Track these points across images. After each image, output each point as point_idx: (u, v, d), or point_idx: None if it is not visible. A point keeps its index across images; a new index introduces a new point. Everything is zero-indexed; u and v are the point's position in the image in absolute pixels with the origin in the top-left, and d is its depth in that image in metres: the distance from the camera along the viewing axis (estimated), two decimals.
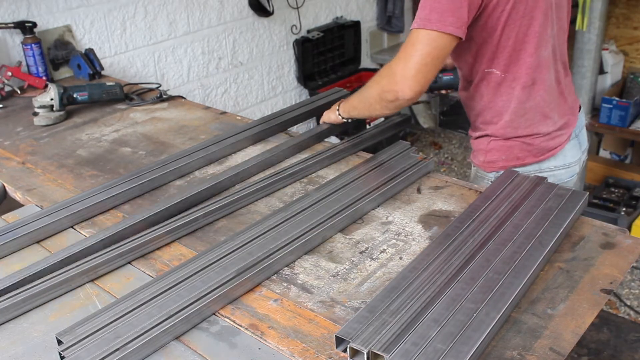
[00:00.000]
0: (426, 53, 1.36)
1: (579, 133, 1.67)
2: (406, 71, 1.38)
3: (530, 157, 1.59)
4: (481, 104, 1.58)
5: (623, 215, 3.12)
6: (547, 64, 1.51)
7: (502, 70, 1.50)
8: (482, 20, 1.43)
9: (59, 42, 2.47)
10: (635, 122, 3.22)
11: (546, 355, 0.95)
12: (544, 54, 1.49)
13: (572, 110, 1.64)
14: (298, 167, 1.56)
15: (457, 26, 1.34)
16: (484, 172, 1.66)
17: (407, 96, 1.41)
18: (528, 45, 1.47)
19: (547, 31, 1.48)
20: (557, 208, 1.28)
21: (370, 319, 0.99)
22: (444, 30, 1.34)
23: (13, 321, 1.12)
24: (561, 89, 1.60)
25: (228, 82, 3.25)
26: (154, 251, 1.30)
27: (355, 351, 0.94)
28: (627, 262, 1.16)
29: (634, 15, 3.48)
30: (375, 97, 1.50)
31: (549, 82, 1.54)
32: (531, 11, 1.44)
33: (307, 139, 1.73)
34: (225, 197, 1.42)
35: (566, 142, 1.61)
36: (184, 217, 1.35)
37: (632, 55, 3.55)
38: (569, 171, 1.63)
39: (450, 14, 1.33)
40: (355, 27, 3.77)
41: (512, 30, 1.44)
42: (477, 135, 1.66)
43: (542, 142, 1.58)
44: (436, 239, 1.21)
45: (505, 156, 1.60)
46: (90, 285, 1.21)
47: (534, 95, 1.53)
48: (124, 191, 1.50)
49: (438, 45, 1.36)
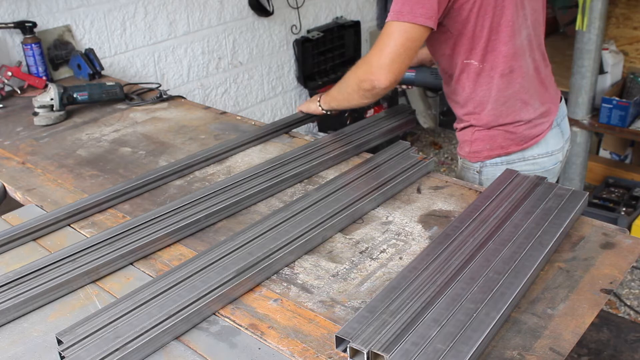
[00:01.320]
0: (399, 43, 1.43)
1: (561, 122, 1.71)
2: (381, 61, 1.45)
3: (514, 145, 1.62)
4: (463, 95, 1.62)
5: (623, 215, 3.12)
6: (522, 52, 1.56)
7: (479, 61, 1.54)
8: (455, 11, 1.47)
9: (59, 42, 2.47)
10: (635, 122, 3.22)
11: (546, 355, 0.95)
12: (518, 43, 1.54)
13: (553, 100, 1.68)
14: (299, 168, 1.56)
15: (427, 17, 1.41)
16: (469, 163, 1.69)
17: (382, 85, 1.47)
18: (502, 35, 1.51)
19: (519, 21, 1.53)
20: (557, 208, 1.28)
21: (370, 318, 0.98)
22: (415, 22, 1.41)
23: (13, 321, 1.13)
24: (541, 79, 1.64)
25: (228, 82, 3.25)
26: (155, 252, 1.30)
27: (356, 351, 0.94)
28: (627, 262, 1.16)
29: (634, 15, 3.48)
30: (353, 87, 1.56)
31: (526, 70, 1.58)
32: (502, 1, 1.49)
33: (278, 128, 1.78)
34: (227, 199, 1.42)
35: (548, 130, 1.65)
36: (186, 219, 1.35)
37: (632, 55, 3.55)
38: (552, 159, 1.67)
39: (420, 5, 1.40)
40: (355, 27, 3.77)
41: (486, 20, 1.49)
42: (461, 127, 1.69)
43: (524, 130, 1.61)
44: (436, 238, 1.21)
45: (489, 145, 1.64)
46: (91, 286, 1.21)
47: (513, 83, 1.57)
48: (123, 189, 1.50)
49: (410, 36, 1.42)
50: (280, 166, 1.56)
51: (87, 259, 1.23)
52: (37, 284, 1.16)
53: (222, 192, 1.45)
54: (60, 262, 1.22)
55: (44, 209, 1.49)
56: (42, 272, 1.20)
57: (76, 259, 1.23)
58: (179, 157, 1.73)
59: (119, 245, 1.27)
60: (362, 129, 1.76)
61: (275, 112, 3.55)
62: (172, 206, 1.40)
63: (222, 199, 1.42)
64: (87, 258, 1.23)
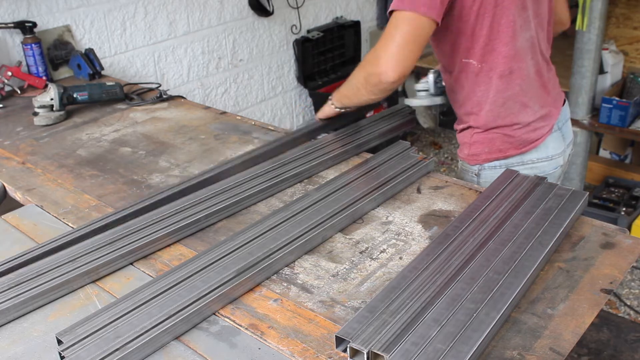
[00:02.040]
0: (405, 32, 1.40)
1: (562, 126, 1.69)
2: (388, 52, 1.41)
3: (512, 149, 1.61)
4: (462, 95, 1.62)
5: (623, 215, 3.12)
6: (524, 55, 1.54)
7: (478, 60, 1.53)
8: (457, 9, 1.46)
9: (59, 42, 2.47)
10: (635, 122, 3.22)
11: (546, 355, 0.95)
12: (519, 44, 1.52)
13: (554, 103, 1.66)
14: (300, 168, 1.56)
15: (430, 7, 1.38)
16: (468, 165, 1.69)
17: (390, 78, 1.43)
18: (503, 35, 1.50)
19: (521, 22, 1.51)
20: (557, 208, 1.28)
21: (370, 318, 0.98)
22: (417, 11, 1.38)
23: (13, 321, 1.13)
24: (543, 82, 1.62)
25: (228, 82, 3.25)
26: (155, 252, 1.30)
27: (356, 351, 0.94)
28: (627, 262, 1.16)
29: (634, 15, 3.48)
30: (361, 82, 1.52)
31: (526, 72, 1.56)
32: (503, 1, 1.47)
33: (301, 136, 1.74)
34: (227, 199, 1.42)
35: (548, 134, 1.63)
36: (186, 219, 1.35)
37: (632, 55, 3.54)
38: (552, 163, 1.66)
39: None
40: (355, 27, 3.77)
41: (486, 19, 1.48)
42: (461, 128, 1.69)
43: (523, 134, 1.60)
44: (436, 238, 1.21)
45: (487, 148, 1.63)
46: (91, 286, 1.21)
47: (512, 85, 1.55)
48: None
49: (417, 25, 1.40)
50: (280, 166, 1.56)
51: (88, 259, 1.23)
52: (37, 284, 1.16)
53: (222, 192, 1.45)
54: (61, 262, 1.22)
55: (44, 209, 1.49)
56: (43, 273, 1.20)
57: (76, 258, 1.23)
58: (179, 157, 1.73)
59: (119, 245, 1.27)
60: (362, 129, 1.76)
61: (275, 112, 3.55)
62: (172, 207, 1.40)
63: (222, 199, 1.42)
64: (87, 258, 1.23)
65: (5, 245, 1.34)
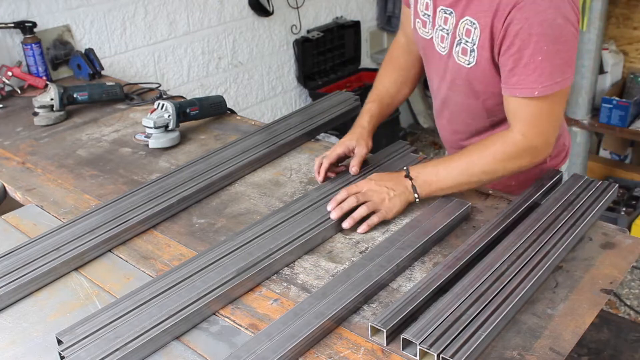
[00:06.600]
0: (559, 112, 1.31)
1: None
2: (548, 143, 1.31)
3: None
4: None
5: (623, 215, 3.12)
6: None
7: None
8: None
9: (59, 42, 2.47)
10: (635, 122, 3.22)
11: (546, 355, 0.95)
12: None
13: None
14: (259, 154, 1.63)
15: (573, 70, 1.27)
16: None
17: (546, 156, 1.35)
18: None
19: None
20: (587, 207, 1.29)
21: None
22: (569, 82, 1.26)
23: (13, 321, 1.13)
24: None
25: (228, 82, 3.25)
26: (154, 251, 1.30)
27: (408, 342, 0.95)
28: (627, 262, 1.16)
29: (634, 15, 3.47)
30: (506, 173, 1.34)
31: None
32: None
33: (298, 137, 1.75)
34: (214, 175, 1.52)
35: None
36: (169, 199, 1.42)
37: (632, 55, 3.54)
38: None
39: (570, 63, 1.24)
40: (355, 27, 3.77)
41: None
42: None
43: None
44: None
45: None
46: (91, 286, 1.21)
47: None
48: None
49: (566, 98, 1.30)
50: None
51: (70, 246, 1.27)
52: (26, 272, 1.20)
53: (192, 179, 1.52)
54: (46, 251, 1.27)
55: (44, 209, 1.49)
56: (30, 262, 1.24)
57: (61, 246, 1.28)
58: (179, 157, 1.73)
59: (98, 232, 1.32)
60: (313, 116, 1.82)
61: (275, 112, 3.55)
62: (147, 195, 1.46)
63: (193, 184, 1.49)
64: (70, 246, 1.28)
65: (5, 246, 1.34)
